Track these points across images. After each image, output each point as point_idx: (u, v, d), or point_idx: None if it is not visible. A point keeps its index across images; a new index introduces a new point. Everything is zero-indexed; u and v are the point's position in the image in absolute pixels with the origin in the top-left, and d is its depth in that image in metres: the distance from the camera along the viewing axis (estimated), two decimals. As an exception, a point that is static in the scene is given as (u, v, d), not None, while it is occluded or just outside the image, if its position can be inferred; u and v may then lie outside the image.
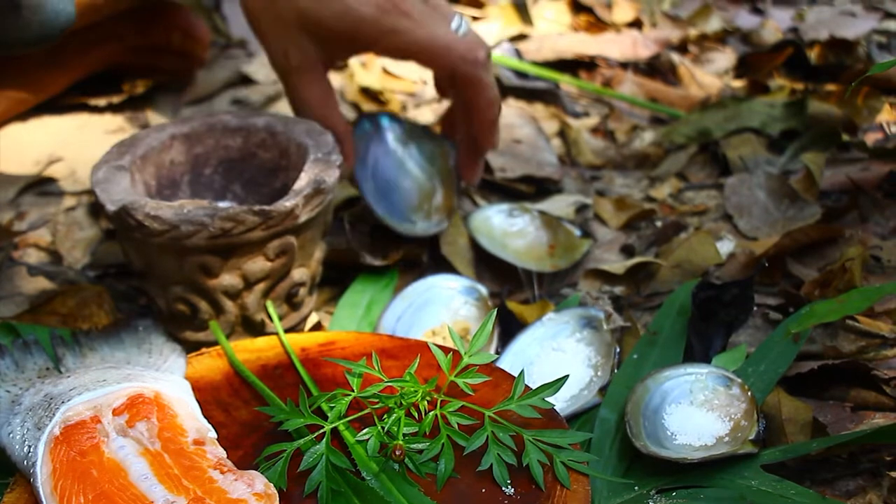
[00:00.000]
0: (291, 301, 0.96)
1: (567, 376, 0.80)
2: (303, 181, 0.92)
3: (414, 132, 1.16)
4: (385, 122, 1.14)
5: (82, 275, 1.08)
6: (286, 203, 0.89)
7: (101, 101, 1.35)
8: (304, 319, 1.00)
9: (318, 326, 1.03)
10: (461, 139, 1.12)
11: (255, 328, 0.94)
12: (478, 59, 1.03)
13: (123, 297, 1.05)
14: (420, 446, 0.76)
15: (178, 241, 0.87)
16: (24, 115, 1.28)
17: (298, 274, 0.94)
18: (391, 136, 1.14)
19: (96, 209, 1.15)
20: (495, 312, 0.84)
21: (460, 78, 1.04)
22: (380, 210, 1.08)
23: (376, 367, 0.81)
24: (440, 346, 0.83)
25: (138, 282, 0.94)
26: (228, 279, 0.90)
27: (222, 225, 0.87)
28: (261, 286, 0.92)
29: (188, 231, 0.86)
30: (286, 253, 0.91)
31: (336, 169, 0.94)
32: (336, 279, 1.07)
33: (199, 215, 0.87)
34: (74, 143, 1.27)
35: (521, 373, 0.80)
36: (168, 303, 0.92)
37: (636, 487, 0.81)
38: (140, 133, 0.99)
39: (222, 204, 0.89)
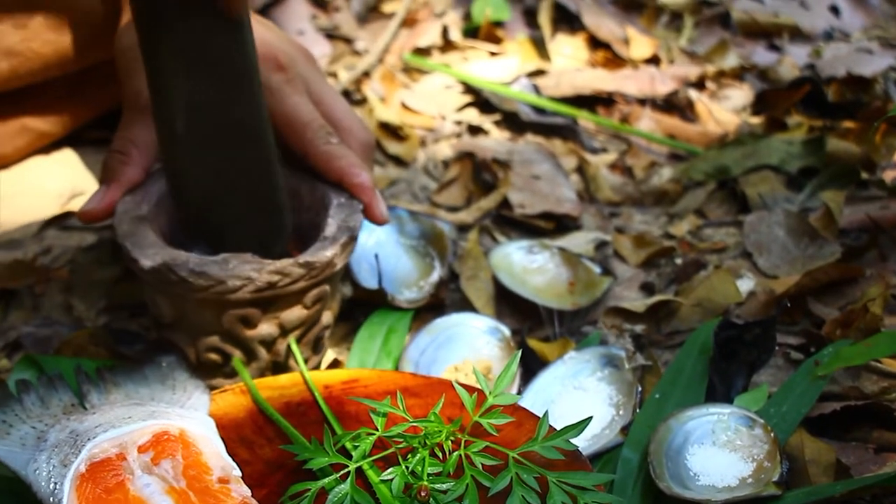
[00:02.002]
0: (317, 344, 0.96)
1: (591, 418, 0.80)
2: (332, 227, 0.93)
3: (410, 217, 1.18)
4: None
5: (97, 315, 1.08)
6: (325, 253, 0.90)
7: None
8: (321, 358, 1.00)
9: (335, 363, 1.03)
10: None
11: (283, 371, 0.95)
12: None
13: (137, 338, 1.05)
14: (444, 486, 0.76)
15: (222, 295, 0.87)
16: (46, 149, 1.29)
17: (326, 318, 0.95)
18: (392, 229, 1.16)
19: (116, 248, 1.15)
20: (519, 354, 0.85)
21: None
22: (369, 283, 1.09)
23: (401, 407, 0.81)
24: (464, 385, 0.83)
25: (166, 332, 0.95)
26: (266, 328, 0.91)
27: (269, 279, 0.87)
28: (295, 333, 0.93)
29: (235, 286, 0.87)
30: (321, 300, 0.92)
31: (360, 213, 0.95)
32: (346, 314, 1.07)
33: (246, 270, 0.87)
34: (96, 177, 1.28)
35: (546, 414, 0.80)
36: (198, 352, 0.93)
37: (660, 529, 0.81)
38: (150, 178, 0.99)
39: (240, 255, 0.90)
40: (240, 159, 0.90)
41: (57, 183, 1.26)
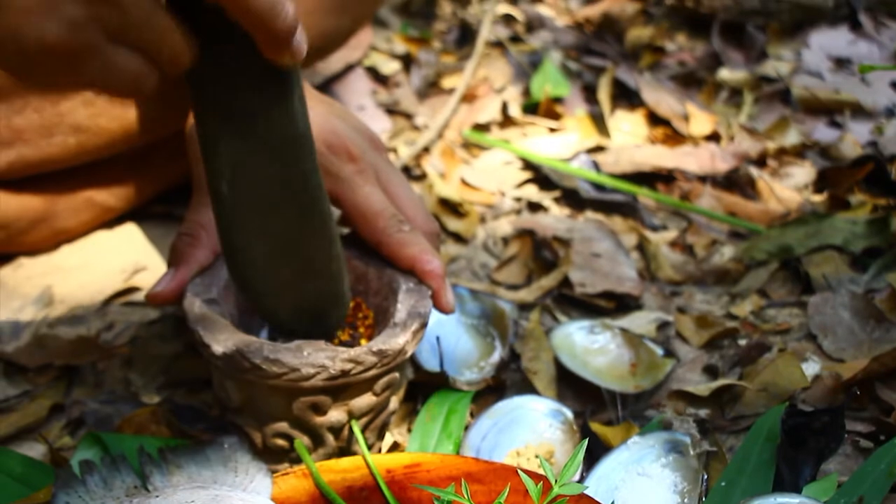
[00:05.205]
0: (383, 430, 0.96)
1: (658, 508, 0.79)
2: (402, 313, 0.93)
3: (471, 296, 1.19)
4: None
5: (157, 390, 1.09)
6: (398, 340, 0.90)
7: (185, 211, 1.37)
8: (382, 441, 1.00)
9: (395, 446, 1.02)
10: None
11: (347, 456, 0.94)
12: None
13: (199, 415, 1.05)
14: (510, 578, 0.75)
15: (295, 382, 0.87)
16: (110, 224, 1.31)
17: (393, 404, 0.95)
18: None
19: (178, 324, 1.16)
20: (586, 443, 0.84)
21: None
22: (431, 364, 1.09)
23: (466, 497, 0.80)
24: (528, 472, 0.82)
25: (232, 416, 0.95)
26: (336, 416, 0.91)
27: (343, 367, 0.87)
28: (363, 420, 0.93)
29: (309, 374, 0.87)
30: (391, 387, 0.92)
31: (429, 299, 0.95)
32: (406, 395, 1.06)
33: (321, 358, 0.87)
34: (159, 252, 1.29)
35: (613, 504, 0.79)
36: (265, 438, 0.93)
37: None
38: (219, 261, 0.99)
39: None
40: (286, 224, 0.90)
41: (120, 257, 1.27)
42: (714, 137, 1.64)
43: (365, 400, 0.92)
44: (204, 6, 0.75)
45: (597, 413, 1.07)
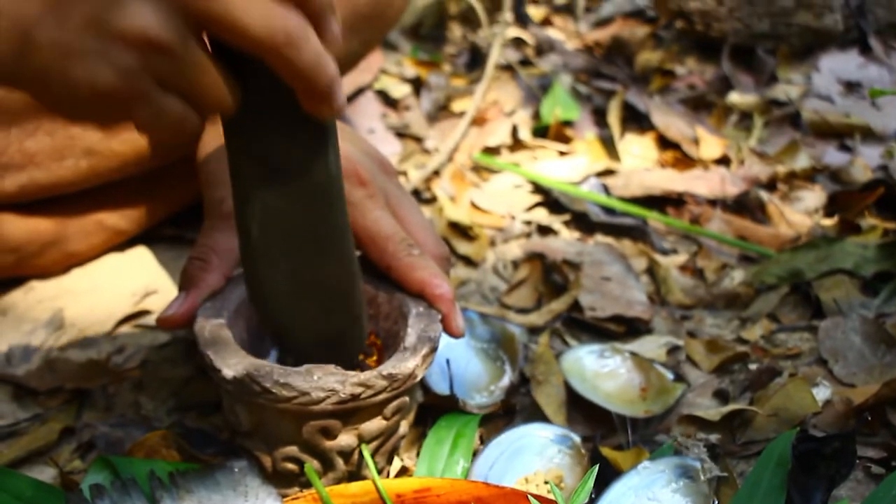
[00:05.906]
0: (392, 454, 0.96)
1: (669, 535, 0.79)
2: (412, 337, 0.93)
3: (481, 320, 1.19)
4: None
5: (167, 414, 1.09)
6: (408, 364, 0.90)
7: (196, 234, 1.37)
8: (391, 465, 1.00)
9: (403, 470, 1.02)
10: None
11: (357, 480, 0.94)
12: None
13: (210, 440, 1.05)
14: None
15: (305, 406, 0.87)
16: (121, 247, 1.31)
17: (403, 428, 0.95)
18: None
19: (188, 347, 1.16)
20: (596, 468, 0.83)
21: None
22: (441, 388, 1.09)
23: (476, 521, 0.80)
24: (538, 497, 0.82)
25: (242, 440, 0.95)
26: (345, 440, 0.91)
27: (353, 391, 0.87)
28: (373, 444, 0.93)
29: (318, 397, 0.87)
30: (401, 411, 0.92)
31: (439, 323, 0.95)
32: (415, 418, 1.06)
33: (331, 382, 0.87)
34: (169, 275, 1.29)
35: (623, 531, 0.79)
36: (275, 462, 0.93)
37: None
38: (229, 285, 1.00)
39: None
40: (311, 265, 0.90)
41: (131, 281, 1.28)
42: (724, 161, 1.64)
43: (375, 424, 0.92)
44: (246, 56, 0.75)
45: (607, 438, 1.07)
